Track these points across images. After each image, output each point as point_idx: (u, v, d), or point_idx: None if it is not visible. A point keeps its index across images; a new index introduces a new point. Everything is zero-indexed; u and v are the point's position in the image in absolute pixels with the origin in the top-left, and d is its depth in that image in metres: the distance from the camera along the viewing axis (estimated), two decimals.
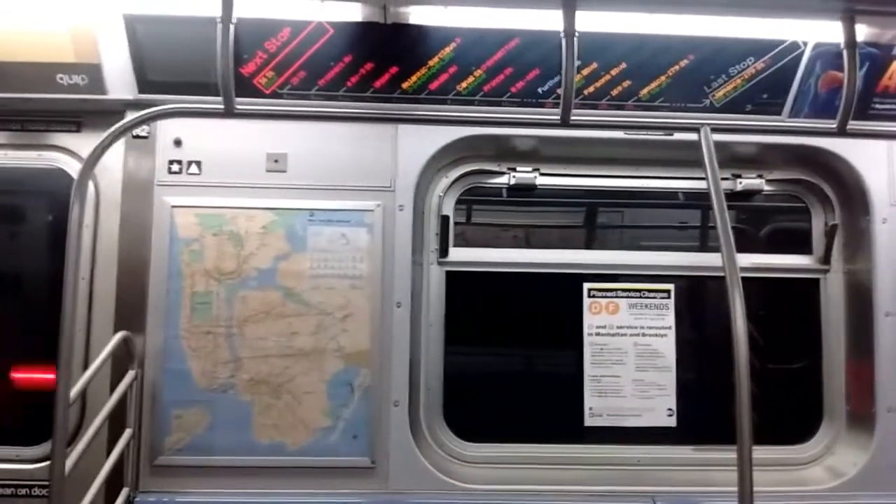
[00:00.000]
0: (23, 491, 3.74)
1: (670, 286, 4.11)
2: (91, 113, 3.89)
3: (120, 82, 3.73)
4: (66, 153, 3.95)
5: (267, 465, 3.66)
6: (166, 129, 3.80)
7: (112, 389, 3.52)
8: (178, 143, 3.80)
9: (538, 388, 4.16)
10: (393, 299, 3.79)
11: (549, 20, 3.21)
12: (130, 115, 3.07)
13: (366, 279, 3.78)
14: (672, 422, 4.04)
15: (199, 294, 3.71)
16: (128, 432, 3.55)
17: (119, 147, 3.74)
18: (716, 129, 3.08)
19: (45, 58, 3.68)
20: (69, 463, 2.90)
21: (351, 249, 3.79)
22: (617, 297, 4.09)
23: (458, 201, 4.14)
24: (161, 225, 3.74)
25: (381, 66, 3.75)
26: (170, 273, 3.71)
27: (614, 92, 3.83)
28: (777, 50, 3.80)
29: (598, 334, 4.08)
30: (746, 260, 3.91)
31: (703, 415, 4.06)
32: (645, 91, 3.84)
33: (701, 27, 3.71)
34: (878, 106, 3.85)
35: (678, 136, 3.70)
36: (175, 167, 3.80)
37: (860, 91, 3.34)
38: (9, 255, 4.00)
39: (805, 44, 3.77)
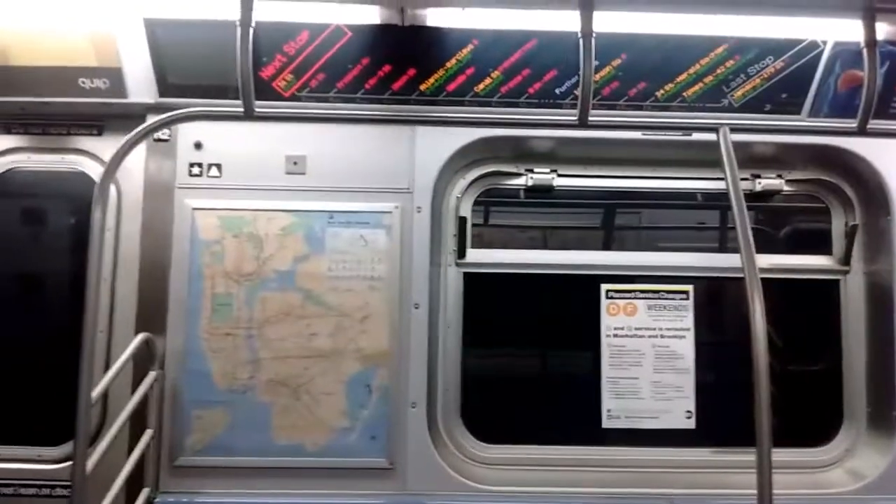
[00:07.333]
0: (45, 491, 3.78)
1: (689, 287, 4.08)
2: (112, 116, 3.93)
3: (141, 86, 3.77)
4: (87, 156, 4.00)
5: (286, 465, 3.68)
6: (187, 133, 3.83)
7: (133, 390, 3.56)
8: (198, 146, 3.84)
9: (556, 390, 4.14)
10: (411, 301, 3.79)
11: (567, 21, 3.22)
12: (151, 119, 3.11)
13: (384, 281, 3.79)
14: (691, 424, 4.00)
15: (220, 296, 3.74)
16: (148, 433, 3.58)
17: (140, 150, 3.78)
18: (734, 130, 3.09)
19: (66, 62, 3.72)
20: (91, 463, 2.94)
21: (369, 251, 3.80)
22: (635, 298, 4.07)
23: (476, 203, 4.14)
24: (182, 227, 3.78)
25: (399, 69, 3.77)
26: (191, 275, 3.74)
27: (632, 92, 3.82)
28: (796, 49, 3.78)
29: (616, 335, 4.05)
30: (766, 261, 3.88)
31: (722, 417, 4.01)
32: (662, 91, 3.83)
33: (719, 27, 3.70)
34: None
35: (697, 136, 3.68)
36: (196, 170, 3.83)
37: (880, 90, 3.35)
38: (32, 258, 4.05)
39: (824, 43, 3.75)
